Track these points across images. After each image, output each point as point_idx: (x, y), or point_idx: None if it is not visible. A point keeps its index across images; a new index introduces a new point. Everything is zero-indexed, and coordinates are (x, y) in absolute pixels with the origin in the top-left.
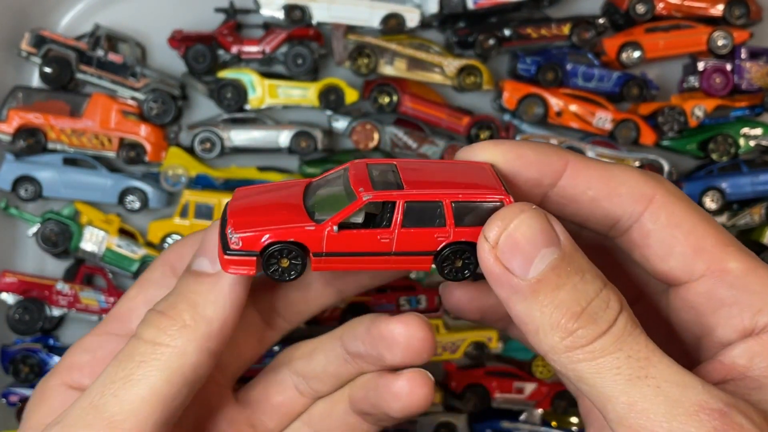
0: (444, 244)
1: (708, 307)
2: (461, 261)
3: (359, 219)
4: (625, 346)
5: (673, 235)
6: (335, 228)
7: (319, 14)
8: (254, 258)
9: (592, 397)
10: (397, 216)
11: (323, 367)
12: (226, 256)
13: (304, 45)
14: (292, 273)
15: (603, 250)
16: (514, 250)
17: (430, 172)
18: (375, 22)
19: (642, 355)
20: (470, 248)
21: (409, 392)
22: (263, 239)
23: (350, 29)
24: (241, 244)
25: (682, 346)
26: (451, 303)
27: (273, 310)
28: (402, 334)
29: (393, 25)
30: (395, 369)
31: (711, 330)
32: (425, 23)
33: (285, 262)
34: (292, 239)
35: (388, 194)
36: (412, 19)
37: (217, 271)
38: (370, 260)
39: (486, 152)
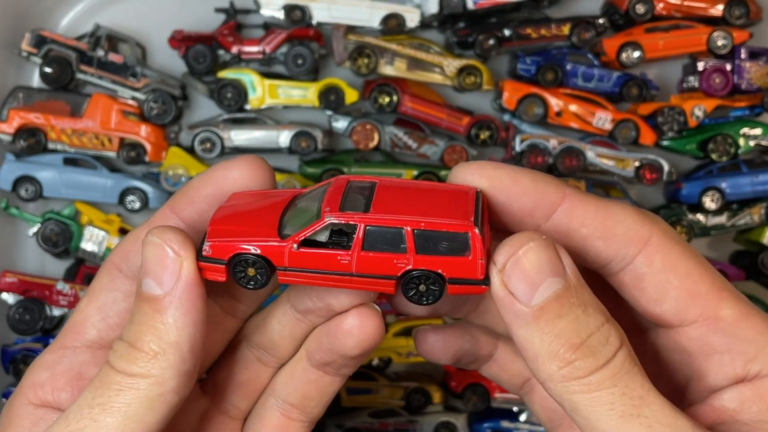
0: (404, 270)
1: (700, 352)
2: (425, 286)
3: (323, 238)
4: (620, 382)
5: (668, 280)
6: (295, 246)
7: (320, 14)
8: (224, 266)
9: (584, 429)
10: (357, 238)
11: (278, 332)
12: (200, 262)
13: (304, 45)
14: (257, 283)
15: (599, 281)
16: (520, 276)
17: (404, 196)
18: (375, 22)
19: (637, 393)
20: (434, 276)
21: (360, 325)
22: (230, 250)
23: (350, 29)
24: (211, 252)
25: (671, 384)
26: (424, 349)
27: (231, 297)
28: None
29: (393, 25)
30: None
31: (702, 375)
32: (425, 23)
33: (252, 271)
34: (256, 253)
35: (349, 216)
36: (412, 20)
37: (165, 292)
38: (331, 278)
39: (484, 173)
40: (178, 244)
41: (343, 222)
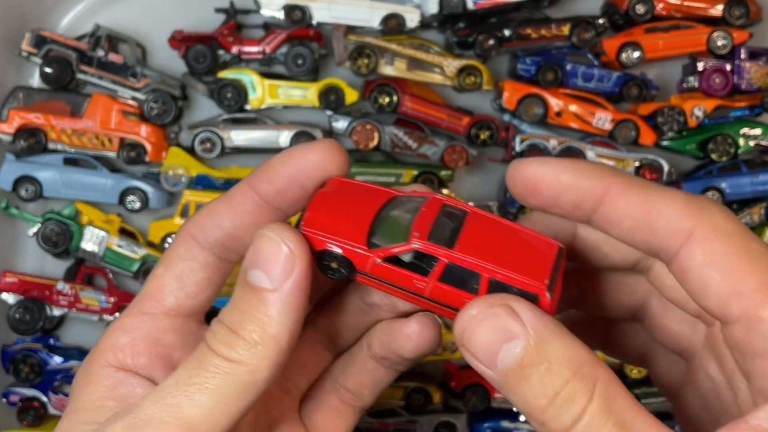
0: None
1: (744, 353)
2: None
3: (406, 258)
4: None
5: (710, 275)
6: (378, 260)
7: (320, 15)
8: (312, 255)
9: None
10: (437, 270)
11: (345, 321)
12: None
13: (304, 45)
14: (338, 275)
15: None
16: (476, 348)
17: (490, 236)
18: (375, 22)
19: None
20: None
21: (420, 332)
22: (320, 244)
23: (350, 29)
24: None
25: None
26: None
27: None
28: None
29: (393, 25)
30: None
31: (748, 378)
32: (425, 23)
33: (335, 265)
34: (342, 254)
35: (435, 249)
36: (412, 20)
37: (274, 287)
38: (405, 295)
39: (531, 169)
40: (295, 243)
41: (427, 252)
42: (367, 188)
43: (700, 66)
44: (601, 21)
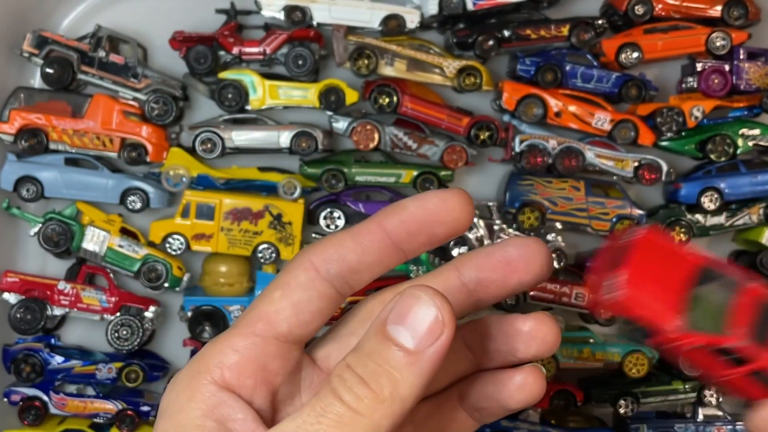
0: None
1: None
2: None
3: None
4: None
5: None
6: (692, 346)
7: (320, 15)
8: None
9: None
10: (747, 369)
11: (442, 366)
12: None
13: (305, 46)
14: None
15: None
16: None
17: None
18: (375, 23)
19: None
20: None
21: (533, 383)
22: (632, 309)
23: (350, 30)
24: (617, 299)
25: None
26: None
27: None
28: (537, 329)
29: (393, 26)
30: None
31: None
32: (425, 24)
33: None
34: (654, 326)
35: (757, 355)
36: (412, 21)
37: (416, 349)
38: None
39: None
40: (447, 312)
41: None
42: (678, 251)
43: (699, 66)
44: (600, 22)
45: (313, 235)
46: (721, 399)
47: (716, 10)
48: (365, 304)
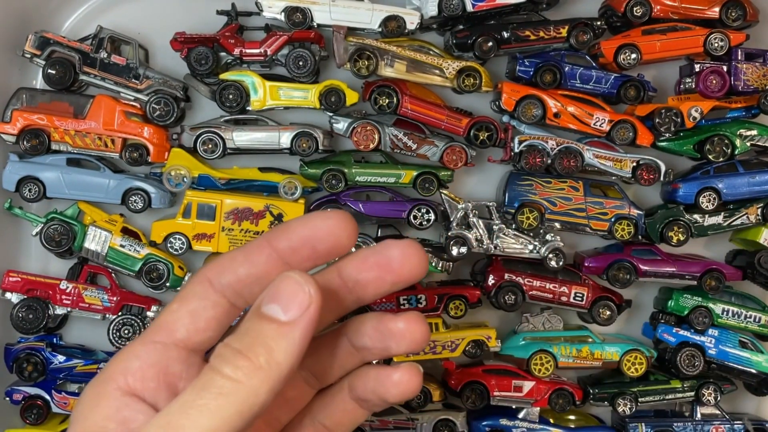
0: None
1: None
2: None
3: None
4: None
5: None
6: None
7: (320, 17)
8: None
9: None
10: None
11: (331, 362)
12: None
13: (305, 47)
14: None
15: None
16: None
17: None
18: (375, 24)
19: None
20: None
21: (408, 380)
22: None
23: (350, 31)
24: None
25: None
26: None
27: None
28: (406, 329)
29: (393, 27)
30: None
31: None
32: (425, 25)
33: None
34: None
35: None
36: (411, 22)
37: (289, 320)
38: None
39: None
40: (314, 288)
41: None
42: None
43: (697, 67)
44: (598, 23)
45: None
46: (719, 398)
47: (714, 12)
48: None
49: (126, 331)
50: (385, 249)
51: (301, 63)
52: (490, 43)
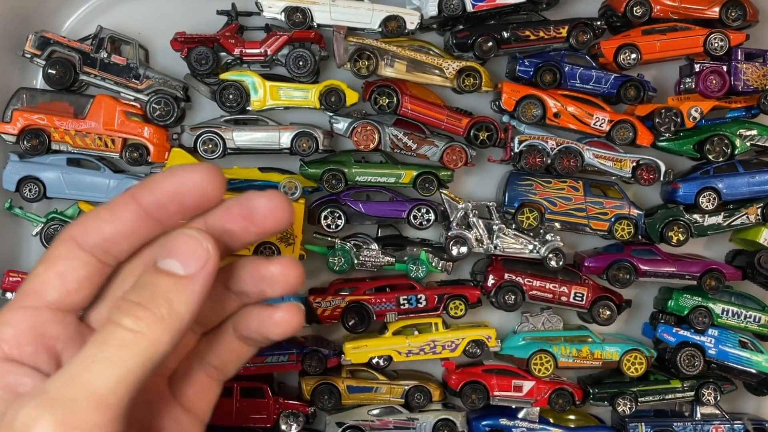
0: None
1: None
2: None
3: None
4: None
5: None
6: None
7: (320, 17)
8: None
9: None
10: None
11: (212, 307)
12: None
13: (305, 47)
14: None
15: None
16: None
17: None
18: (375, 24)
19: None
20: None
21: (289, 320)
22: None
23: (351, 31)
24: None
25: None
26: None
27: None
28: (281, 273)
29: (393, 27)
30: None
31: None
32: (425, 26)
33: None
34: None
35: None
36: (411, 22)
37: (188, 274)
38: None
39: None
40: (212, 244)
41: None
42: None
43: (697, 67)
44: (598, 23)
45: (314, 234)
46: (719, 398)
47: (714, 12)
48: (128, 264)
49: None
50: (248, 200)
51: (301, 63)
52: (490, 43)
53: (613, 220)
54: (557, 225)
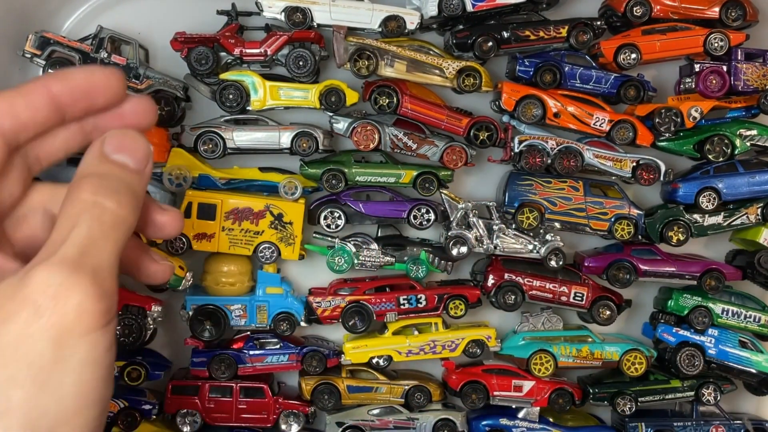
0: None
1: None
2: None
3: None
4: None
5: None
6: None
7: (321, 17)
8: None
9: None
10: None
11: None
12: None
13: (305, 47)
14: None
15: None
16: None
17: None
18: (375, 24)
19: None
20: None
21: (162, 272)
22: None
23: (350, 31)
24: None
25: None
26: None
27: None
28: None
29: (393, 27)
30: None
31: None
32: (425, 25)
33: None
34: None
35: None
36: (411, 22)
37: (139, 169)
38: None
39: None
40: (150, 146)
41: None
42: None
43: (697, 67)
44: (598, 23)
45: (314, 234)
46: (719, 398)
47: (714, 12)
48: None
49: (126, 331)
50: (87, 73)
51: (301, 63)
52: (490, 43)
53: (613, 220)
54: (557, 225)
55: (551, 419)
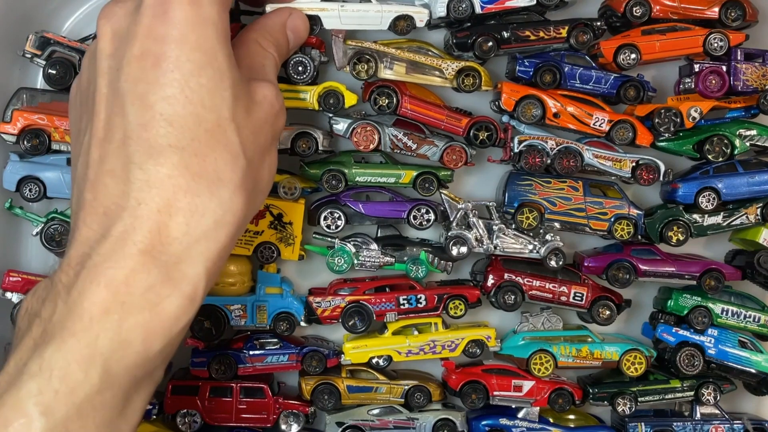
0: None
1: None
2: None
3: None
4: None
5: None
6: None
7: (330, 23)
8: None
9: None
10: None
11: None
12: None
13: (305, 53)
14: None
15: None
16: None
17: None
18: (385, 25)
19: None
20: None
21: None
22: None
23: (349, 34)
24: None
25: None
26: None
27: None
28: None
29: (402, 26)
30: None
31: None
32: (433, 24)
33: None
34: None
35: None
36: (421, 20)
37: None
38: None
39: None
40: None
41: None
42: None
43: (697, 67)
44: (598, 23)
45: (314, 235)
46: (718, 398)
47: (714, 12)
48: None
49: None
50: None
51: (300, 68)
52: (490, 43)
53: (612, 220)
54: (557, 225)
55: (551, 419)
